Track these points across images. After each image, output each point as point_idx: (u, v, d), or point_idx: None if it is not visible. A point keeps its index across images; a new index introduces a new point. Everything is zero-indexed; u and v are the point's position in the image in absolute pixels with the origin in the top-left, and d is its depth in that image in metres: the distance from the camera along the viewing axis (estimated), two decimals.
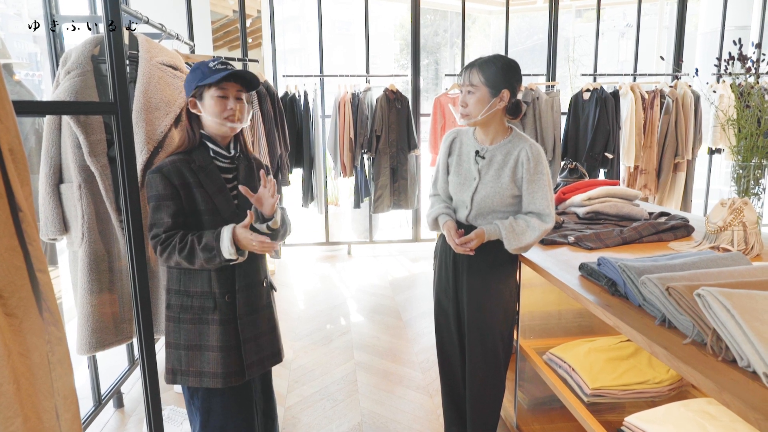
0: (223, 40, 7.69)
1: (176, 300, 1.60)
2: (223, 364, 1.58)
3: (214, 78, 1.50)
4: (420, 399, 2.63)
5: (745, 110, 1.97)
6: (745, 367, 1.03)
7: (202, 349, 1.58)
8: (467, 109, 1.80)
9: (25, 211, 0.98)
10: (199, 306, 1.57)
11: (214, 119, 1.55)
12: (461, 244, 1.79)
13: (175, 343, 1.60)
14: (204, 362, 1.58)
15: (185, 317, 1.58)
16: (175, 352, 1.60)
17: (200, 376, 1.59)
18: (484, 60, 1.78)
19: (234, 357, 1.60)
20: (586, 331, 2.14)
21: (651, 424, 1.41)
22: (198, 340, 1.58)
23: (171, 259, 1.51)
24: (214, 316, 1.57)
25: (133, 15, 2.00)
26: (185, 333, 1.59)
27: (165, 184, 1.50)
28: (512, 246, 1.78)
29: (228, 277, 1.59)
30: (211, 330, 1.57)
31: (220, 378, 1.58)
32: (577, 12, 11.60)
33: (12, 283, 0.99)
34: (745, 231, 1.81)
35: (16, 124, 0.95)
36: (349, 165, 4.80)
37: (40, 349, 1.05)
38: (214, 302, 1.57)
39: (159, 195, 1.51)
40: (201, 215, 1.55)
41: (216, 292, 1.57)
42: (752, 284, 1.18)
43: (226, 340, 1.58)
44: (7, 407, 0.99)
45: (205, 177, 1.55)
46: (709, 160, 5.18)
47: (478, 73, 1.76)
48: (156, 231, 1.51)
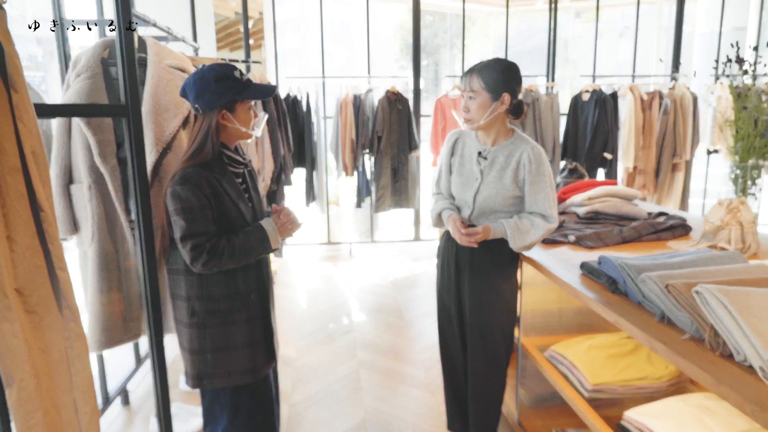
0: (225, 42, 7.72)
1: (201, 306, 1.60)
2: (251, 360, 1.65)
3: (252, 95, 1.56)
4: (423, 396, 2.66)
5: (742, 112, 2.01)
6: (741, 361, 1.07)
7: (230, 350, 1.62)
8: (469, 114, 1.83)
9: (47, 211, 1.02)
10: (227, 308, 1.60)
11: (245, 130, 1.60)
12: (467, 235, 1.82)
13: (200, 348, 1.62)
14: (232, 361, 1.63)
15: (211, 321, 1.60)
16: (201, 357, 1.62)
17: (229, 376, 1.63)
18: (483, 65, 1.81)
19: (259, 351, 1.68)
20: (586, 328, 2.18)
21: (650, 418, 1.44)
22: (225, 341, 1.62)
23: (218, 264, 1.53)
24: (241, 315, 1.62)
25: (142, 18, 2.04)
26: (211, 337, 1.61)
27: (197, 195, 1.50)
28: (517, 244, 1.82)
29: (250, 277, 1.65)
30: (238, 329, 1.62)
31: (250, 373, 1.65)
32: (576, 13, 11.64)
33: (32, 281, 1.03)
34: (742, 230, 1.85)
35: (38, 128, 0.99)
36: (351, 165, 4.83)
37: (59, 345, 1.08)
38: (241, 301, 1.62)
39: (194, 206, 1.50)
40: (231, 222, 1.58)
41: (242, 292, 1.62)
42: (748, 282, 1.22)
43: (251, 336, 1.65)
44: (27, 401, 1.03)
45: (227, 184, 1.59)
46: (707, 160, 5.21)
47: (478, 78, 1.79)
48: (198, 240, 1.50)
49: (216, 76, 1.52)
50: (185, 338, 1.64)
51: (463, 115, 1.86)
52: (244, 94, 1.55)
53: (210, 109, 1.53)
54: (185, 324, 1.63)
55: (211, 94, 1.52)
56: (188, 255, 1.51)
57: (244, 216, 1.61)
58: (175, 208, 1.50)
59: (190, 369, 1.65)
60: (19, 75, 0.96)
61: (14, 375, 0.99)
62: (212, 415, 1.74)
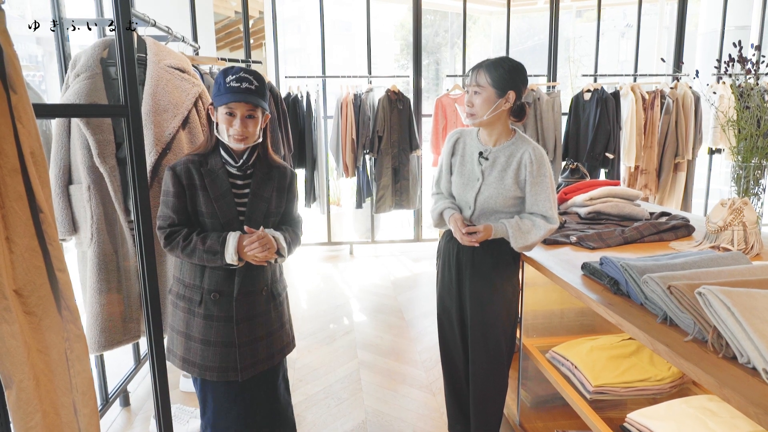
0: (225, 41, 7.71)
1: (175, 287, 1.72)
2: (201, 356, 1.66)
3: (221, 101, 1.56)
4: (423, 397, 2.65)
5: (745, 111, 2.00)
6: (745, 363, 1.06)
7: (188, 338, 1.68)
8: (473, 108, 1.82)
9: (46, 213, 1.01)
10: (189, 297, 1.67)
11: (223, 134, 1.61)
12: (467, 234, 1.81)
13: (171, 324, 1.73)
14: (186, 349, 1.68)
15: (179, 304, 1.69)
16: (170, 333, 1.73)
17: (182, 361, 1.70)
18: (491, 61, 1.81)
19: (215, 354, 1.66)
20: (588, 329, 2.17)
21: (653, 420, 1.43)
22: (185, 328, 1.68)
23: (173, 252, 1.62)
24: (199, 310, 1.65)
25: (141, 18, 2.03)
26: (178, 318, 1.70)
27: (174, 182, 1.60)
28: (518, 244, 1.81)
29: (219, 279, 1.64)
30: (195, 322, 1.67)
31: (197, 368, 1.67)
32: (577, 12, 11.63)
33: (31, 282, 1.02)
34: (745, 231, 1.84)
35: (37, 128, 0.98)
36: (351, 165, 4.82)
37: (58, 347, 1.07)
38: (201, 297, 1.65)
39: (167, 191, 1.61)
40: (203, 216, 1.63)
41: (204, 289, 1.65)
42: (752, 283, 1.21)
43: (206, 335, 1.66)
44: (27, 403, 1.02)
45: (211, 181, 1.61)
46: (710, 160, 5.20)
47: (485, 74, 1.79)
48: (160, 223, 1.63)
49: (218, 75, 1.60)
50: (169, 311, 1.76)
51: (467, 109, 1.85)
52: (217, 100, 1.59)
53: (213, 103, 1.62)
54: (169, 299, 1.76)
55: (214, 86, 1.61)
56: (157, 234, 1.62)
57: (218, 215, 1.61)
58: (162, 191, 1.64)
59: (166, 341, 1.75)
60: (19, 76, 0.96)
61: (13, 376, 0.98)
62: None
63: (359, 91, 4.81)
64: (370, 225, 5.29)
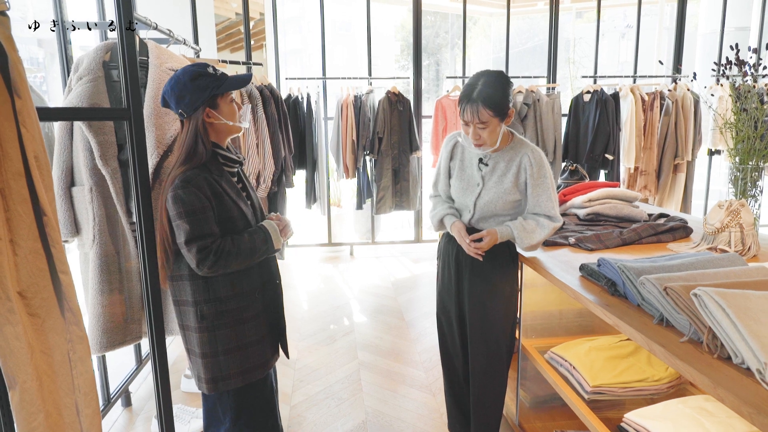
0: (226, 42, 7.73)
1: (209, 308, 1.60)
2: (261, 355, 1.69)
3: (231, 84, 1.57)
4: (423, 398, 2.66)
5: (742, 113, 2.01)
6: (739, 363, 1.07)
7: (241, 348, 1.65)
8: (481, 140, 1.80)
9: (49, 216, 1.03)
10: (235, 308, 1.62)
11: (233, 124, 1.61)
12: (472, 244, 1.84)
13: (212, 351, 1.62)
14: (245, 359, 1.65)
15: (221, 323, 1.61)
16: (213, 360, 1.62)
17: (243, 374, 1.65)
18: (482, 92, 1.72)
19: (267, 345, 1.72)
20: (586, 330, 2.18)
21: (650, 420, 1.44)
22: (236, 341, 1.64)
23: (225, 265, 1.53)
24: (249, 313, 1.65)
25: (143, 22, 2.04)
26: (222, 338, 1.62)
27: (199, 197, 1.50)
28: (524, 244, 1.83)
29: (253, 275, 1.67)
30: (247, 327, 1.65)
31: (262, 368, 1.69)
32: (577, 13, 11.64)
33: (35, 284, 1.03)
34: (742, 232, 1.85)
35: (40, 132, 1.00)
36: (352, 166, 4.84)
37: (61, 348, 1.09)
38: (247, 300, 1.65)
39: (196, 209, 1.50)
40: (234, 221, 1.59)
41: (247, 291, 1.65)
42: (747, 284, 1.22)
43: (258, 332, 1.68)
44: (30, 403, 1.04)
45: (226, 184, 1.60)
46: (709, 161, 5.21)
47: (485, 109, 1.72)
48: (204, 243, 1.50)
49: (190, 76, 1.54)
50: (195, 343, 1.63)
51: (474, 142, 1.81)
52: (222, 87, 1.57)
53: (194, 110, 1.54)
54: (194, 329, 1.62)
55: (191, 94, 1.53)
56: (194, 258, 1.51)
57: (245, 214, 1.64)
58: (178, 212, 1.50)
59: (203, 373, 1.63)
60: (23, 81, 0.97)
61: (17, 377, 1.00)
62: (215, 418, 1.75)
63: (359, 93, 4.83)
64: (370, 226, 5.30)
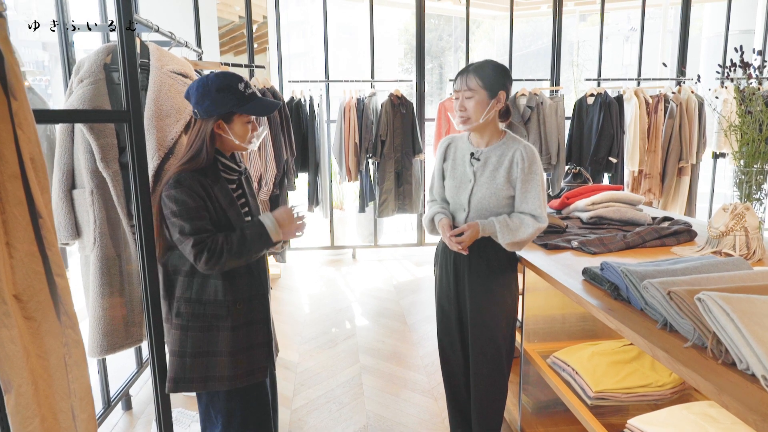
0: (229, 46, 7.75)
1: (187, 308, 1.60)
2: (231, 368, 1.61)
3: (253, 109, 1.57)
4: (425, 402, 2.65)
5: (747, 116, 1.99)
6: (744, 370, 1.05)
7: (209, 356, 1.60)
8: (466, 113, 1.82)
9: (45, 218, 1.02)
10: (211, 314, 1.59)
11: (239, 143, 1.60)
12: (453, 237, 1.81)
13: (180, 351, 1.60)
14: (210, 367, 1.61)
15: (194, 325, 1.60)
16: (180, 360, 1.60)
17: (205, 381, 1.61)
18: (478, 65, 1.82)
19: (242, 360, 1.64)
20: (589, 334, 2.16)
21: (653, 426, 1.42)
22: (206, 347, 1.60)
23: (220, 262, 1.51)
24: (225, 323, 1.60)
25: (145, 24, 2.05)
26: (192, 340, 1.60)
27: (193, 197, 1.51)
28: (506, 240, 1.80)
29: (241, 286, 1.63)
30: (220, 336, 1.60)
31: (228, 380, 1.62)
32: (581, 16, 11.62)
33: (31, 287, 1.03)
34: (747, 236, 1.83)
35: (37, 134, 0.99)
36: (354, 169, 4.83)
37: (57, 352, 1.08)
38: (227, 310, 1.60)
39: (191, 207, 1.50)
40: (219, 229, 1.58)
41: (228, 301, 1.60)
42: (752, 289, 1.20)
43: (234, 345, 1.62)
44: (25, 408, 1.03)
45: (218, 191, 1.57)
46: (714, 164, 5.18)
47: (475, 77, 1.79)
48: (199, 237, 1.50)
49: (218, 86, 1.52)
50: (169, 339, 1.64)
51: (459, 114, 1.84)
52: (244, 108, 1.56)
53: (208, 116, 1.54)
54: (171, 324, 1.63)
55: (211, 102, 1.52)
56: (191, 254, 1.50)
57: (232, 224, 1.59)
58: (172, 211, 1.50)
59: (168, 371, 1.62)
60: (19, 83, 0.97)
61: (12, 381, 0.99)
62: (209, 420, 1.73)
63: (362, 96, 4.82)
64: (372, 229, 5.29)
